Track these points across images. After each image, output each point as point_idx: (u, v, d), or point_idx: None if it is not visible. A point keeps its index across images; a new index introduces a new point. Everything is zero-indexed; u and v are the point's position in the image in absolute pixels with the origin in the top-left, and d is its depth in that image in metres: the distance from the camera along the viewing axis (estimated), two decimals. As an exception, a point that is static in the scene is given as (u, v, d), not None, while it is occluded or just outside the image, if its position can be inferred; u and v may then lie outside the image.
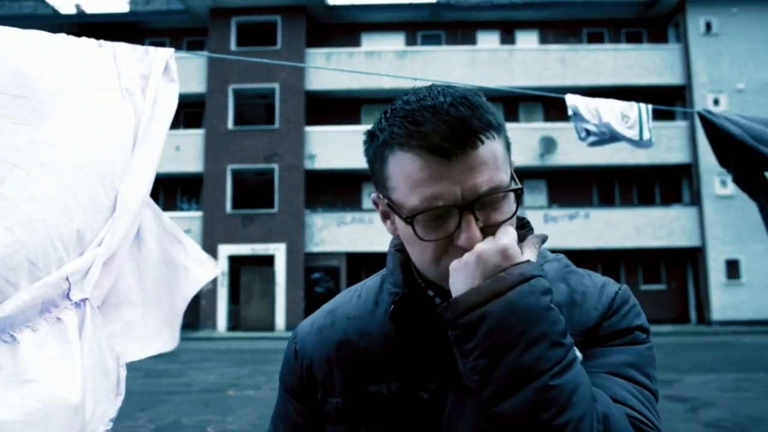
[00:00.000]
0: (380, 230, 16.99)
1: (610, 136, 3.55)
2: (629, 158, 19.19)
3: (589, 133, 3.58)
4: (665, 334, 17.17)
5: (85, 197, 1.41)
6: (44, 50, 1.49)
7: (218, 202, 20.36)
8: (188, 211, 21.74)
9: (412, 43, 22.51)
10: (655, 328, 17.78)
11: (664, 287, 20.92)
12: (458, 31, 22.46)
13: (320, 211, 20.59)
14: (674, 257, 20.74)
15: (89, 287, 1.37)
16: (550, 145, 20.08)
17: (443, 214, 0.73)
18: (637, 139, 3.55)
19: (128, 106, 1.58)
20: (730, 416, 6.91)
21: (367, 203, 20.83)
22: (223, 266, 19.91)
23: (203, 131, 20.89)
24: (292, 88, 20.84)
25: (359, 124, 21.27)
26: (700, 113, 3.26)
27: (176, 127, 20.17)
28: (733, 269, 19.50)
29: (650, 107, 3.60)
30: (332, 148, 20.27)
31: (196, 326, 19.38)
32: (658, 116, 5.28)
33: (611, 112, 3.53)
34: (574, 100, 3.55)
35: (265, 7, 21.06)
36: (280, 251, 19.97)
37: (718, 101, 20.12)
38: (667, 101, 20.89)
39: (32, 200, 1.33)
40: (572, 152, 19.50)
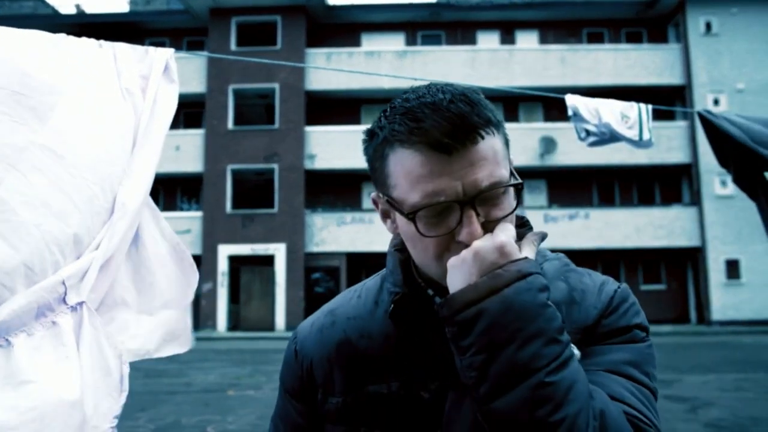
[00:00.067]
0: (380, 230, 16.98)
1: (610, 136, 3.55)
2: (629, 158, 19.19)
3: (589, 133, 3.58)
4: (665, 334, 17.17)
5: (82, 200, 1.40)
6: (44, 50, 1.49)
7: (218, 202, 20.36)
8: (188, 211, 21.74)
9: (412, 43, 22.51)
10: (655, 328, 17.79)
11: (664, 287, 20.92)
12: (458, 31, 22.46)
13: (320, 211, 20.59)
14: (674, 257, 20.74)
15: (86, 291, 1.37)
16: (550, 145, 20.08)
17: (444, 210, 0.73)
18: (637, 139, 3.55)
19: (128, 106, 1.58)
20: (730, 416, 6.91)
21: (367, 203, 20.83)
22: (223, 266, 19.92)
23: (203, 131, 20.89)
24: (292, 88, 20.84)
25: (359, 124, 21.26)
26: (700, 113, 3.26)
27: (176, 127, 20.17)
28: (733, 269, 19.50)
29: (650, 107, 3.60)
30: (332, 148, 20.28)
31: (196, 326, 19.38)
32: (658, 116, 5.28)
33: (611, 112, 3.53)
34: (574, 100, 3.55)
35: (265, 7, 21.06)
36: (280, 251, 19.97)
37: (718, 101, 20.12)
38: (667, 101, 20.89)
39: (27, 204, 1.32)
40: (572, 152, 19.50)
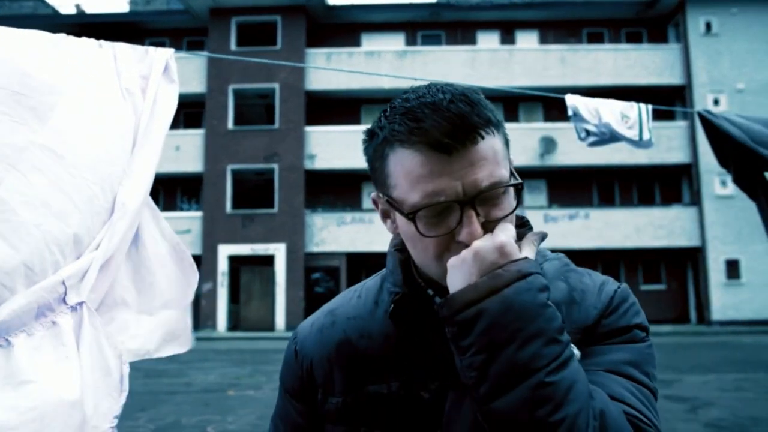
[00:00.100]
0: (380, 230, 16.98)
1: (610, 136, 3.55)
2: (629, 158, 19.19)
3: (589, 133, 3.58)
4: (665, 334, 17.17)
5: (82, 200, 1.41)
6: (44, 50, 1.49)
7: (218, 202, 20.36)
8: (188, 211, 21.74)
9: (412, 43, 22.51)
10: (655, 328, 17.78)
11: (664, 287, 20.92)
12: (458, 31, 22.46)
13: (320, 211, 20.59)
14: (674, 257, 20.74)
15: (86, 291, 1.37)
16: (550, 145, 20.08)
17: (444, 210, 0.74)
18: (637, 139, 3.55)
19: (128, 106, 1.58)
20: (730, 416, 6.91)
21: (367, 203, 20.83)
22: (223, 266, 19.92)
23: (203, 131, 20.89)
24: (292, 88, 20.84)
25: (359, 124, 21.27)
26: (699, 113, 3.26)
27: (176, 127, 20.17)
28: (733, 269, 19.50)
29: (650, 107, 3.60)
30: (332, 148, 20.28)
31: (196, 326, 19.37)
32: (658, 116, 5.28)
33: (611, 112, 3.53)
34: (574, 100, 3.55)
35: (265, 7, 21.06)
36: (280, 251, 19.97)
37: (718, 101, 20.12)
38: (667, 101, 20.89)
39: (27, 204, 1.33)
40: (572, 152, 19.50)
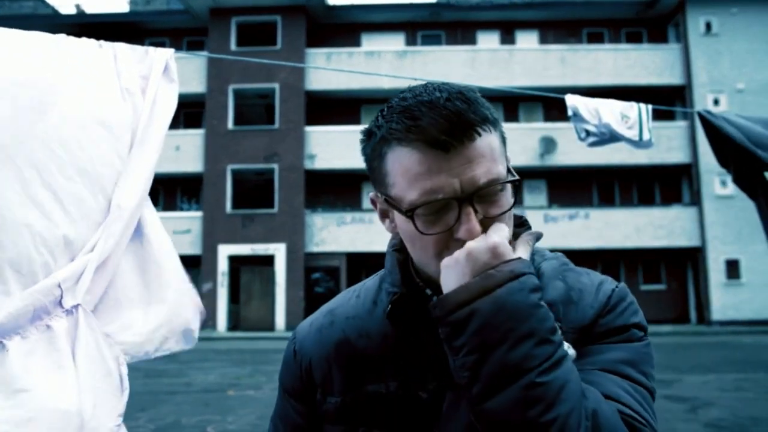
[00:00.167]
0: (380, 230, 16.97)
1: (609, 136, 3.55)
2: (629, 158, 19.19)
3: (588, 133, 3.57)
4: (665, 334, 17.17)
5: (71, 203, 1.40)
6: (44, 50, 1.49)
7: (218, 202, 20.36)
8: (188, 211, 21.74)
9: (412, 43, 22.51)
10: (655, 328, 17.79)
11: (664, 287, 20.91)
12: (458, 31, 22.46)
13: (320, 211, 20.59)
14: (674, 257, 20.74)
15: (81, 293, 1.37)
16: (550, 145, 20.08)
17: (443, 207, 0.74)
18: (636, 139, 3.55)
19: (128, 106, 1.58)
20: (730, 416, 6.91)
21: (367, 203, 20.82)
22: (223, 266, 19.92)
23: (203, 131, 20.89)
24: (292, 88, 20.84)
25: (359, 124, 21.25)
26: (699, 114, 3.26)
27: (176, 127, 20.16)
28: (733, 269, 19.50)
29: (650, 107, 3.60)
30: (332, 148, 20.28)
31: (196, 326, 19.35)
32: (658, 116, 5.27)
33: (611, 112, 3.53)
34: (573, 100, 3.55)
35: (265, 7, 21.06)
36: (280, 251, 19.97)
37: (718, 101, 20.12)
38: (667, 101, 20.89)
39: (20, 202, 1.32)
40: (572, 152, 19.50)
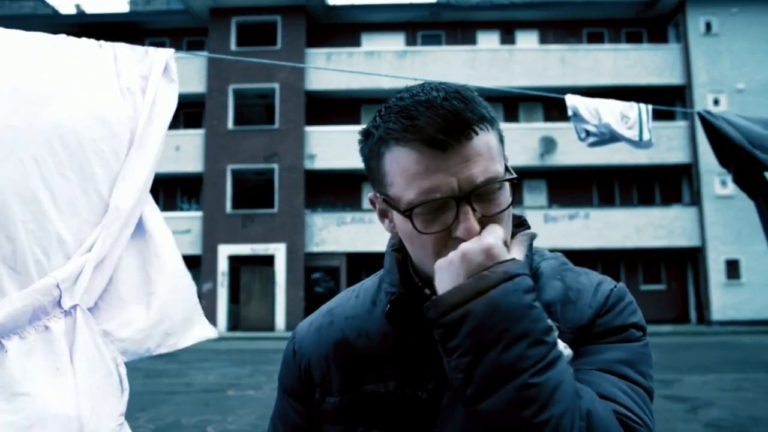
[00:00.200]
0: (380, 230, 16.95)
1: (609, 136, 3.55)
2: (629, 158, 19.18)
3: (588, 133, 3.57)
4: (665, 334, 17.17)
5: (64, 200, 1.40)
6: (44, 51, 1.49)
7: (218, 202, 20.36)
8: (188, 211, 21.74)
9: (412, 43, 22.51)
10: (655, 328, 17.79)
11: (664, 287, 20.91)
12: (458, 31, 22.46)
13: (320, 211, 20.59)
14: (674, 257, 20.74)
15: (79, 293, 1.37)
16: (550, 145, 20.08)
17: (441, 206, 0.74)
18: (636, 139, 3.55)
19: (128, 105, 1.58)
20: (730, 416, 6.91)
21: (367, 203, 20.73)
22: (223, 266, 19.92)
23: (203, 131, 20.89)
24: (292, 88, 20.84)
25: (359, 124, 21.25)
26: (699, 114, 3.26)
27: (176, 127, 20.17)
28: (733, 269, 19.50)
29: (650, 107, 3.60)
30: (332, 148, 20.28)
31: (196, 326, 19.34)
32: (658, 116, 5.28)
33: (611, 112, 3.53)
34: (573, 100, 3.55)
35: (265, 7, 21.06)
36: (280, 251, 19.97)
37: (718, 101, 20.12)
38: (667, 101, 20.89)
39: (20, 197, 1.32)
40: (572, 152, 19.50)
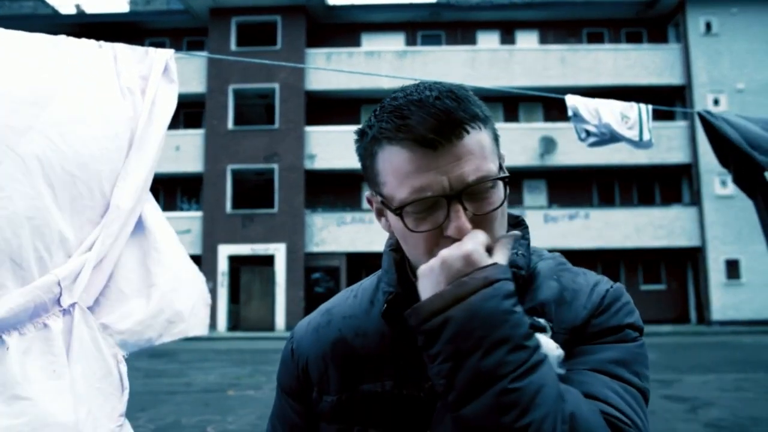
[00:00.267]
0: (380, 230, 16.80)
1: (610, 136, 3.54)
2: (629, 158, 19.18)
3: (589, 133, 3.57)
4: (665, 334, 17.17)
5: (66, 198, 1.39)
6: (44, 51, 1.49)
7: (218, 202, 20.36)
8: (188, 211, 21.74)
9: (412, 43, 22.51)
10: (655, 328, 17.80)
11: (664, 287, 20.91)
12: (458, 31, 22.46)
13: (320, 211, 20.59)
14: (674, 257, 20.74)
15: (78, 292, 1.36)
16: (550, 145, 20.07)
17: (432, 205, 0.74)
18: (637, 139, 3.55)
19: (128, 105, 1.58)
20: (730, 416, 6.91)
21: (367, 203, 20.76)
22: (223, 266, 19.92)
23: (203, 131, 20.89)
24: (292, 88, 20.84)
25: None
26: (699, 114, 3.26)
27: (176, 127, 20.17)
28: (733, 269, 19.49)
29: (650, 107, 3.60)
30: (332, 148, 20.27)
31: (196, 326, 19.35)
32: (658, 116, 5.27)
33: (611, 112, 3.52)
34: (574, 100, 3.55)
35: (265, 7, 21.06)
36: (280, 251, 19.97)
37: (718, 101, 20.12)
38: (667, 101, 20.89)
39: (23, 194, 1.31)
40: (572, 152, 19.49)
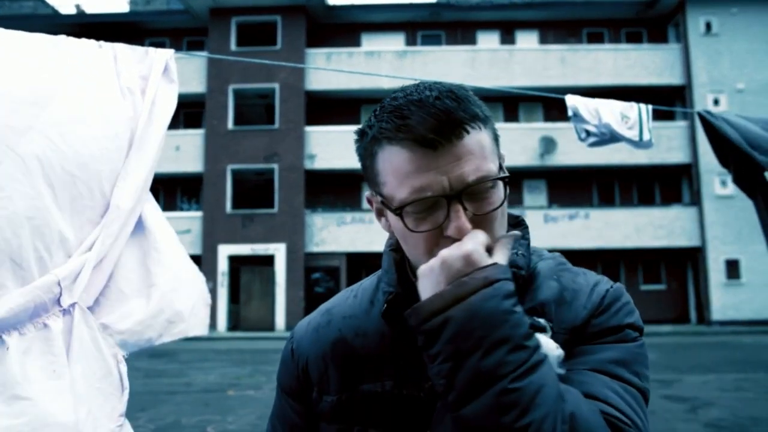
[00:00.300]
0: (380, 230, 16.79)
1: (610, 136, 3.54)
2: (629, 158, 19.18)
3: (589, 133, 3.57)
4: (665, 334, 17.17)
5: (66, 198, 1.39)
6: (44, 51, 1.49)
7: (218, 202, 20.35)
8: (188, 211, 21.73)
9: (412, 43, 22.51)
10: (655, 328, 17.79)
11: (664, 287, 20.91)
12: (458, 31, 22.45)
13: (320, 211, 20.59)
14: (674, 257, 20.74)
15: (78, 292, 1.36)
16: (550, 145, 20.06)
17: (432, 205, 0.74)
18: (637, 139, 3.55)
19: (128, 104, 1.57)
20: (730, 416, 6.91)
21: (367, 203, 20.77)
22: (223, 266, 19.92)
23: (203, 131, 20.89)
24: (292, 88, 20.84)
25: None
26: (699, 114, 3.26)
27: (176, 127, 20.17)
28: (733, 269, 19.49)
29: (650, 107, 3.60)
30: (332, 148, 20.27)
31: (196, 326, 19.34)
32: (658, 116, 5.27)
33: (611, 112, 3.52)
34: (574, 100, 3.54)
35: (265, 7, 21.06)
36: (280, 251, 19.97)
37: (718, 101, 20.11)
38: (667, 101, 20.89)
39: (23, 194, 1.31)
40: (572, 152, 19.49)
